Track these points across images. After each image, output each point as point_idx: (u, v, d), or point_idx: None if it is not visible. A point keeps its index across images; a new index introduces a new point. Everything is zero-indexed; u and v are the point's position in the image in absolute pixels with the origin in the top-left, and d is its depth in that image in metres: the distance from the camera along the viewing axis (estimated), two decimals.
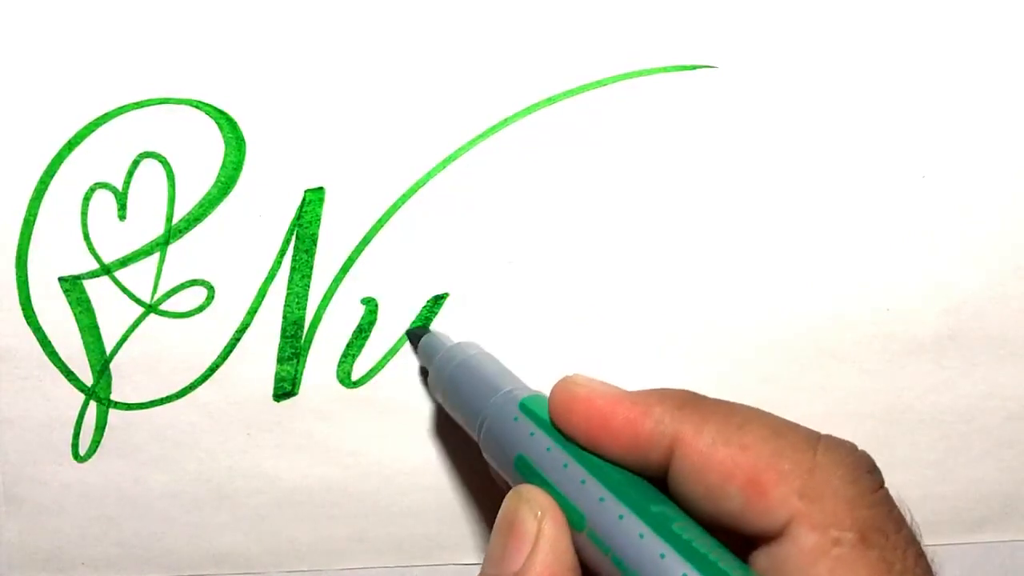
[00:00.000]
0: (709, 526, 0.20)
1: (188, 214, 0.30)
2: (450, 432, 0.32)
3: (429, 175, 0.30)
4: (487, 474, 0.33)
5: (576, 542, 0.21)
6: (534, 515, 0.21)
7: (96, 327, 0.30)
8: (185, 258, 0.30)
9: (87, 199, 0.29)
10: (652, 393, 0.22)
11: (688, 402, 0.21)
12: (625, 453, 0.21)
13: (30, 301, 0.30)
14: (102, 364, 0.31)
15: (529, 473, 0.23)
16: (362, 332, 0.31)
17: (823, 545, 0.19)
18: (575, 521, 0.21)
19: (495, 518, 0.24)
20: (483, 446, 0.25)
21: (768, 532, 0.19)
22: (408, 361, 0.31)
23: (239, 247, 0.30)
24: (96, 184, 0.29)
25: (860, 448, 0.20)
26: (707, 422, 0.20)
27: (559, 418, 0.23)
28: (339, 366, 0.31)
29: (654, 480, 0.21)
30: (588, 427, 0.22)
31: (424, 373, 0.31)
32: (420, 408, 0.32)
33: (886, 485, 0.20)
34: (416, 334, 0.31)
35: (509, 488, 0.23)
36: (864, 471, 0.20)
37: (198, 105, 0.29)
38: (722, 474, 0.20)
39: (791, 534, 0.19)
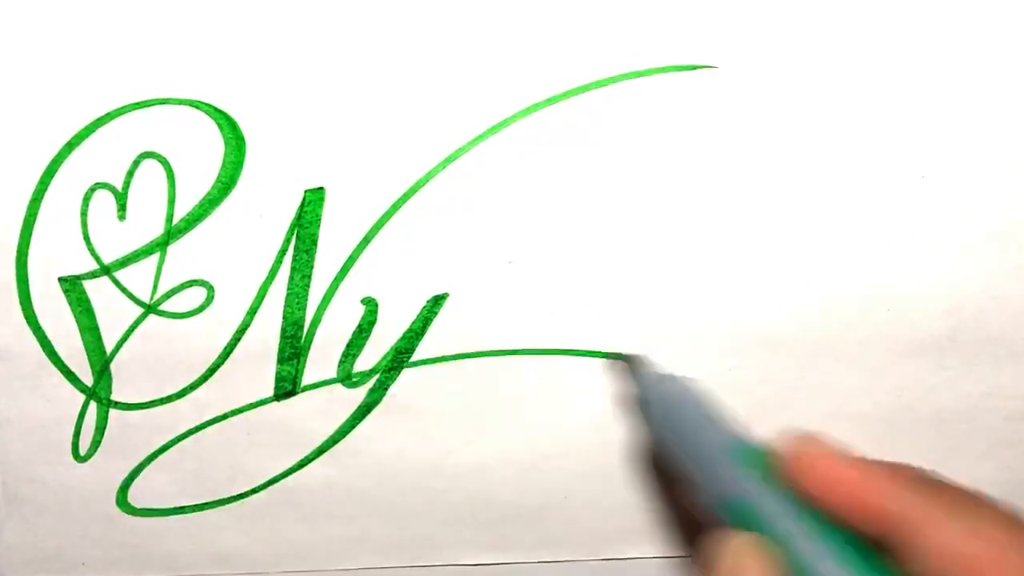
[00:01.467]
0: None
1: (188, 214, 0.30)
2: (450, 432, 0.32)
3: (429, 175, 0.30)
4: (488, 474, 0.33)
5: None
6: (759, 567, 0.21)
7: (96, 327, 0.30)
8: (185, 258, 0.30)
9: (87, 199, 0.29)
10: (896, 470, 0.21)
11: (933, 487, 0.21)
12: (860, 524, 0.21)
13: (30, 301, 0.30)
14: (102, 364, 0.31)
15: (749, 521, 0.22)
16: (362, 332, 0.31)
17: None
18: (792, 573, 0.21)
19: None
20: (699, 482, 0.25)
21: None
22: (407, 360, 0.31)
23: (239, 247, 0.30)
24: (96, 184, 0.29)
25: None
26: (955, 512, 0.20)
27: (795, 475, 0.22)
28: (339, 366, 0.31)
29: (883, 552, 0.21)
30: (826, 491, 0.21)
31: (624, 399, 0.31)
32: (420, 408, 0.32)
33: None
34: (624, 358, 0.30)
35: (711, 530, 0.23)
36: None
37: (198, 105, 0.29)
38: (964, 569, 0.19)
39: None
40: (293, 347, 0.31)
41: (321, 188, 0.30)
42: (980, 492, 0.21)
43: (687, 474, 0.26)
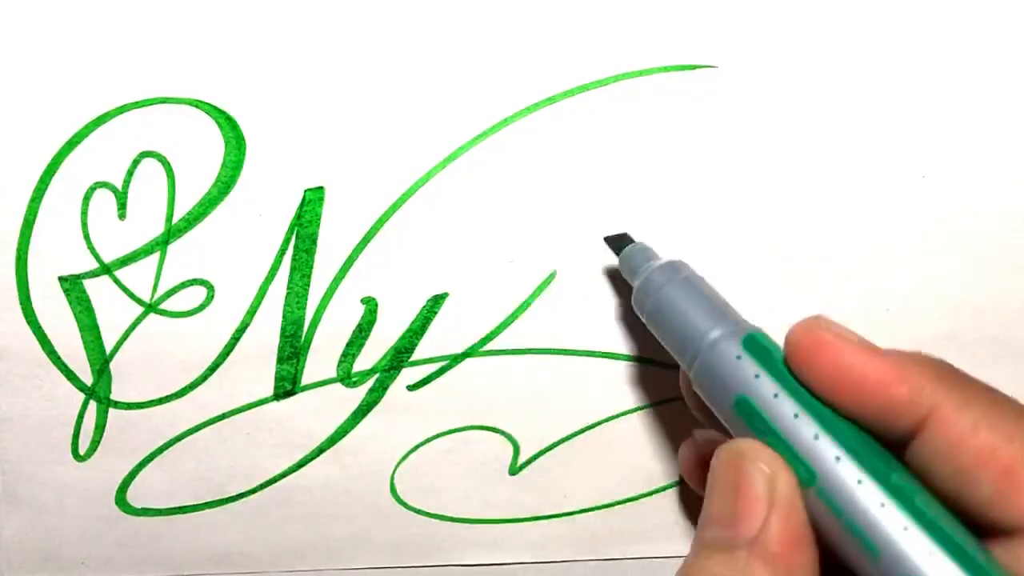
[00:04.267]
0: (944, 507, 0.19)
1: (188, 213, 0.30)
2: (450, 432, 0.32)
3: (429, 175, 0.30)
4: (487, 474, 0.33)
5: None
6: (763, 474, 0.20)
7: (96, 327, 0.30)
8: (185, 257, 0.30)
9: (87, 199, 0.29)
10: (910, 356, 0.20)
11: (949, 375, 0.20)
12: (868, 415, 0.20)
13: (30, 301, 0.30)
14: (102, 364, 0.31)
15: (751, 417, 0.21)
16: (362, 332, 0.31)
17: None
18: (802, 476, 0.20)
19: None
20: (696, 380, 0.23)
21: (1011, 527, 0.18)
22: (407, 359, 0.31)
23: (239, 247, 0.30)
24: (96, 184, 0.29)
25: None
26: (971, 402, 0.19)
27: (798, 363, 0.21)
28: (339, 366, 0.31)
29: (888, 446, 0.20)
30: (832, 380, 0.20)
31: (619, 284, 0.29)
32: (420, 408, 0.32)
33: None
34: (615, 241, 0.28)
35: (717, 427, 0.22)
36: None
37: (198, 105, 0.29)
38: (977, 459, 0.19)
39: None
40: (293, 346, 0.31)
41: (321, 188, 0.30)
42: (1005, 394, 0.20)
43: (688, 371, 0.24)
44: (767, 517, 0.19)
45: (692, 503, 0.34)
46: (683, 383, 0.26)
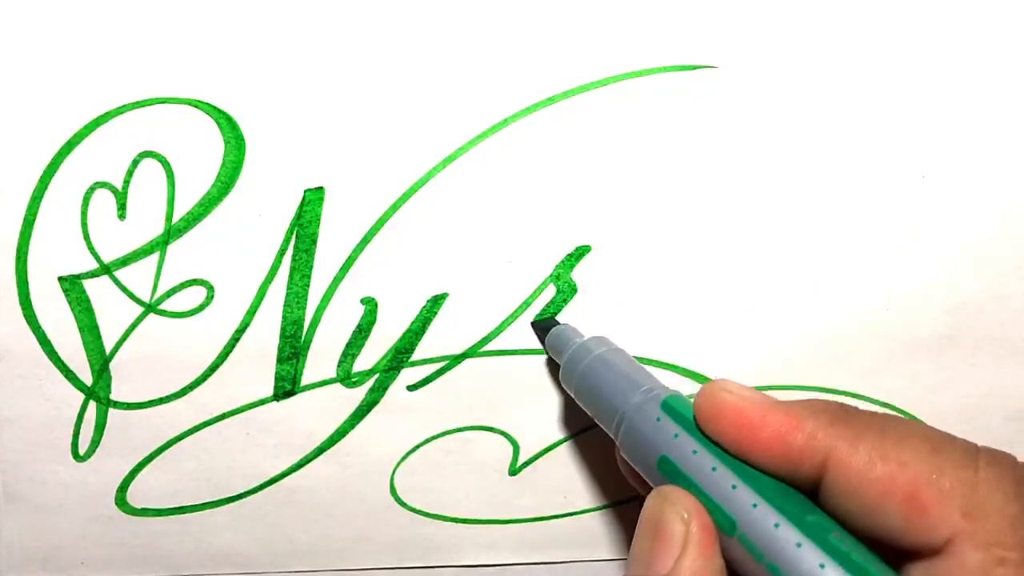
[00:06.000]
0: (862, 540, 0.20)
1: (188, 214, 0.30)
2: (449, 432, 0.32)
3: (429, 175, 0.30)
4: (487, 473, 0.33)
5: (724, 546, 0.21)
6: (680, 517, 0.21)
7: (96, 327, 0.30)
8: (185, 258, 0.30)
9: (87, 199, 0.29)
10: (803, 405, 0.22)
11: (841, 417, 0.21)
12: (774, 464, 0.21)
13: (30, 301, 0.30)
14: (102, 364, 0.31)
15: (674, 475, 0.23)
16: (362, 332, 0.31)
17: (987, 564, 0.19)
18: (724, 526, 0.21)
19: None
20: (622, 446, 0.25)
21: (926, 548, 0.19)
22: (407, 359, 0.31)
23: (239, 247, 0.30)
24: (96, 184, 0.29)
25: (1020, 461, 0.20)
26: (862, 438, 0.20)
27: (705, 423, 0.22)
28: (339, 366, 0.31)
29: (801, 491, 0.21)
30: (737, 435, 0.22)
31: (551, 364, 0.31)
32: (420, 408, 0.32)
33: None
34: (542, 326, 0.30)
35: (647, 489, 0.24)
36: None
37: (198, 105, 0.29)
38: (879, 491, 0.20)
39: (953, 552, 0.19)
40: (293, 347, 0.31)
41: (321, 188, 0.30)
42: (897, 418, 0.21)
43: (614, 437, 0.25)
44: (679, 558, 0.21)
45: None
46: (618, 455, 0.27)
